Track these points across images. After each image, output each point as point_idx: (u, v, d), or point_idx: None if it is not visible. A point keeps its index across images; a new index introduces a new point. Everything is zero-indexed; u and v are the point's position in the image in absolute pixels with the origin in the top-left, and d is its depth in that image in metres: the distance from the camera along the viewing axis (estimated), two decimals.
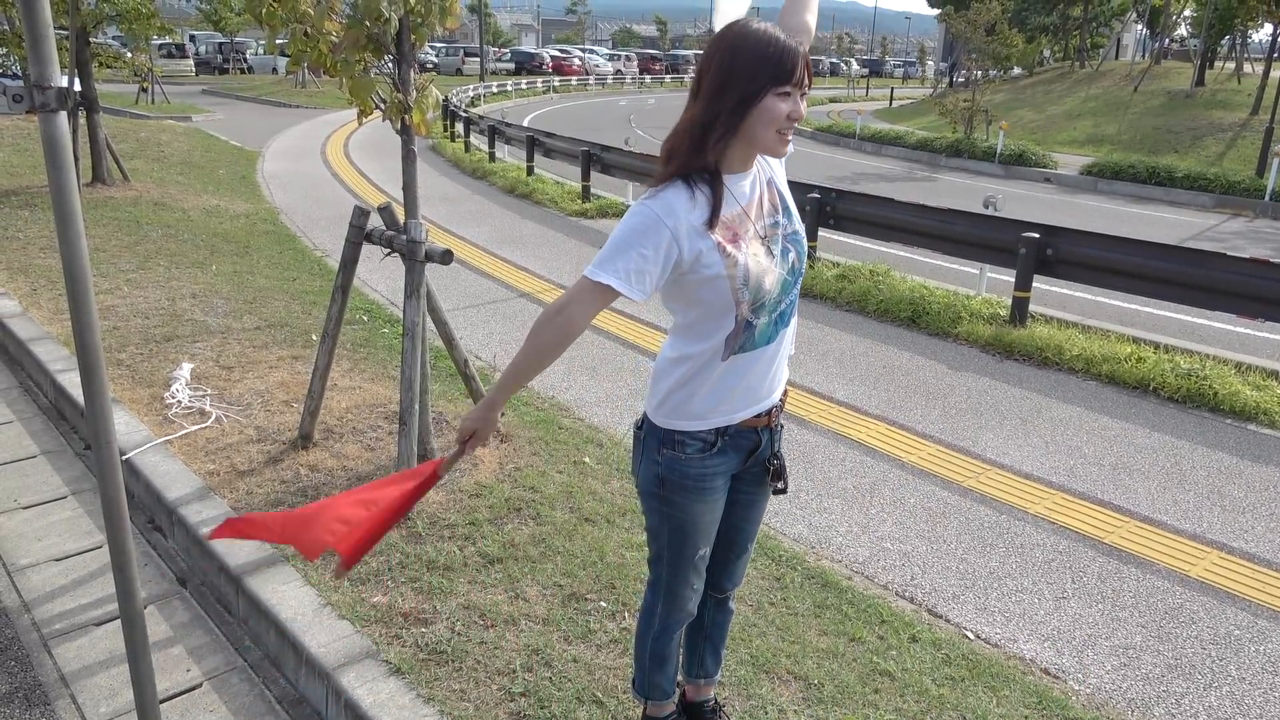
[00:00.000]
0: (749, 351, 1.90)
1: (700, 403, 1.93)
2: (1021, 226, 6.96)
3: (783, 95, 1.76)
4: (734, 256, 1.82)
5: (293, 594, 2.96)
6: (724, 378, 1.91)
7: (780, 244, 1.91)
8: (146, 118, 20.28)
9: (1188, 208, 14.96)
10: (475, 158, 15.47)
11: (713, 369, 1.90)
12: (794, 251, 1.93)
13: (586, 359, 5.80)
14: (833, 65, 60.53)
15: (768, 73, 1.74)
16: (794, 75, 1.75)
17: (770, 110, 1.76)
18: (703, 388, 1.92)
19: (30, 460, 4.19)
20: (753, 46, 1.75)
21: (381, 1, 3.21)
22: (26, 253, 7.29)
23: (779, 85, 1.75)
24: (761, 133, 1.79)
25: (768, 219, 1.91)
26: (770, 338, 1.92)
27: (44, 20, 1.61)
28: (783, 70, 1.74)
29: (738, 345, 1.88)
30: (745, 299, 1.83)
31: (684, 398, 1.93)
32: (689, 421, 1.94)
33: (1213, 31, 27.32)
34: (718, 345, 1.88)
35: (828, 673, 2.76)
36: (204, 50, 42.20)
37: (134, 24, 10.89)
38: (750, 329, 1.88)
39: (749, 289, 1.83)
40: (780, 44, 1.75)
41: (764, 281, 1.85)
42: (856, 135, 22.82)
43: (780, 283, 1.89)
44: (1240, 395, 5.41)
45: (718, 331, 1.87)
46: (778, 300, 1.90)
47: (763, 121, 1.77)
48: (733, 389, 1.93)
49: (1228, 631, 3.26)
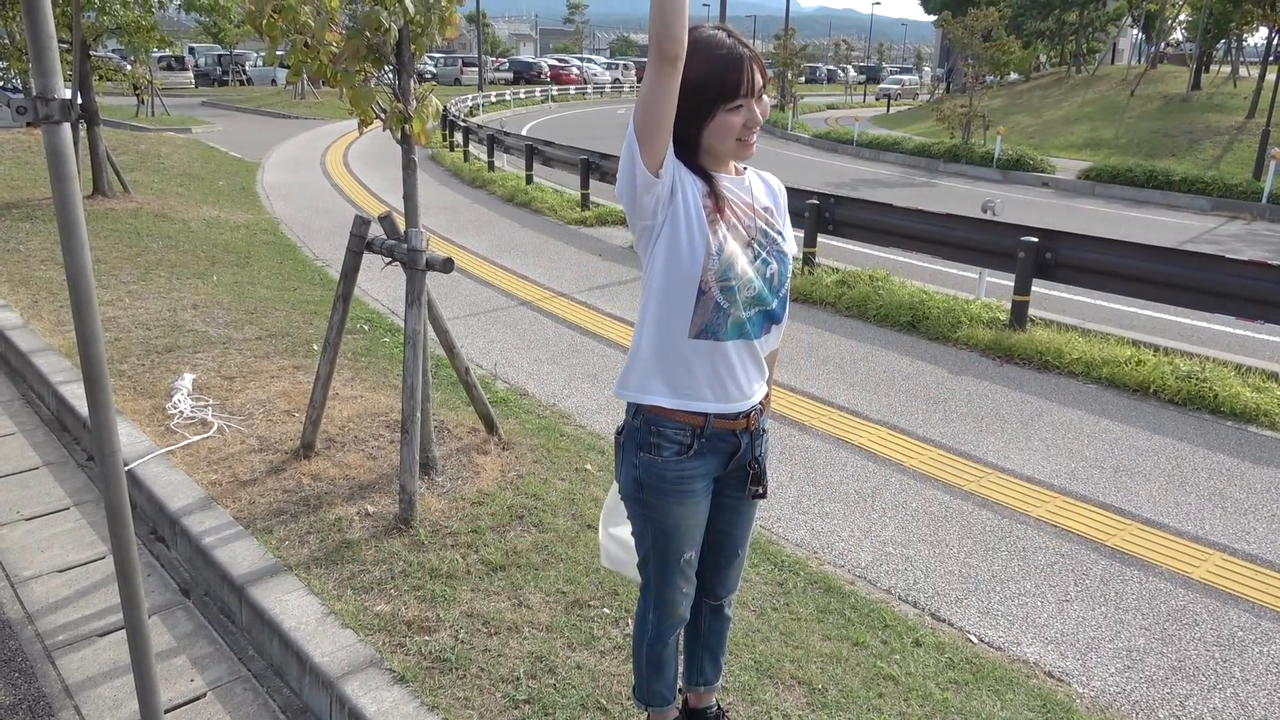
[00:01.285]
0: (718, 341, 1.90)
1: (659, 377, 1.93)
2: (1020, 231, 6.98)
3: (734, 109, 1.79)
4: (716, 227, 1.84)
5: (296, 603, 2.96)
6: (688, 358, 1.91)
7: (762, 252, 1.92)
8: (146, 130, 20.32)
9: (1185, 211, 14.99)
10: (474, 167, 15.51)
11: (679, 346, 1.90)
12: (775, 266, 1.94)
13: (587, 366, 5.81)
14: (830, 72, 60.69)
15: (714, 91, 1.77)
16: (740, 87, 1.77)
17: (722, 126, 1.80)
18: (666, 362, 1.92)
19: (33, 472, 4.19)
20: (701, 62, 1.76)
21: (381, 12, 3.23)
22: (28, 265, 7.30)
23: (728, 101, 1.78)
24: (718, 143, 1.83)
25: (756, 223, 1.93)
26: (742, 334, 1.92)
27: (47, 33, 1.63)
28: (728, 86, 1.77)
29: (705, 325, 1.88)
30: (714, 269, 1.84)
31: (646, 370, 1.94)
32: (649, 396, 1.94)
33: (1208, 35, 27.42)
34: (685, 319, 1.87)
35: (831, 677, 2.76)
36: (203, 62, 42.35)
37: (134, 37, 10.92)
38: (720, 312, 1.87)
39: (720, 260, 1.84)
40: (722, 58, 1.77)
41: (735, 263, 1.86)
42: (854, 141, 22.88)
43: (751, 281, 1.89)
44: (1241, 397, 5.41)
45: (684, 302, 1.87)
46: (751, 299, 1.90)
47: (718, 136, 1.82)
48: (695, 372, 1.92)
49: (1231, 633, 3.26)
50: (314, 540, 3.35)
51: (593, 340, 6.42)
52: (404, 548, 3.31)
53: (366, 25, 3.26)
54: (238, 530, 3.40)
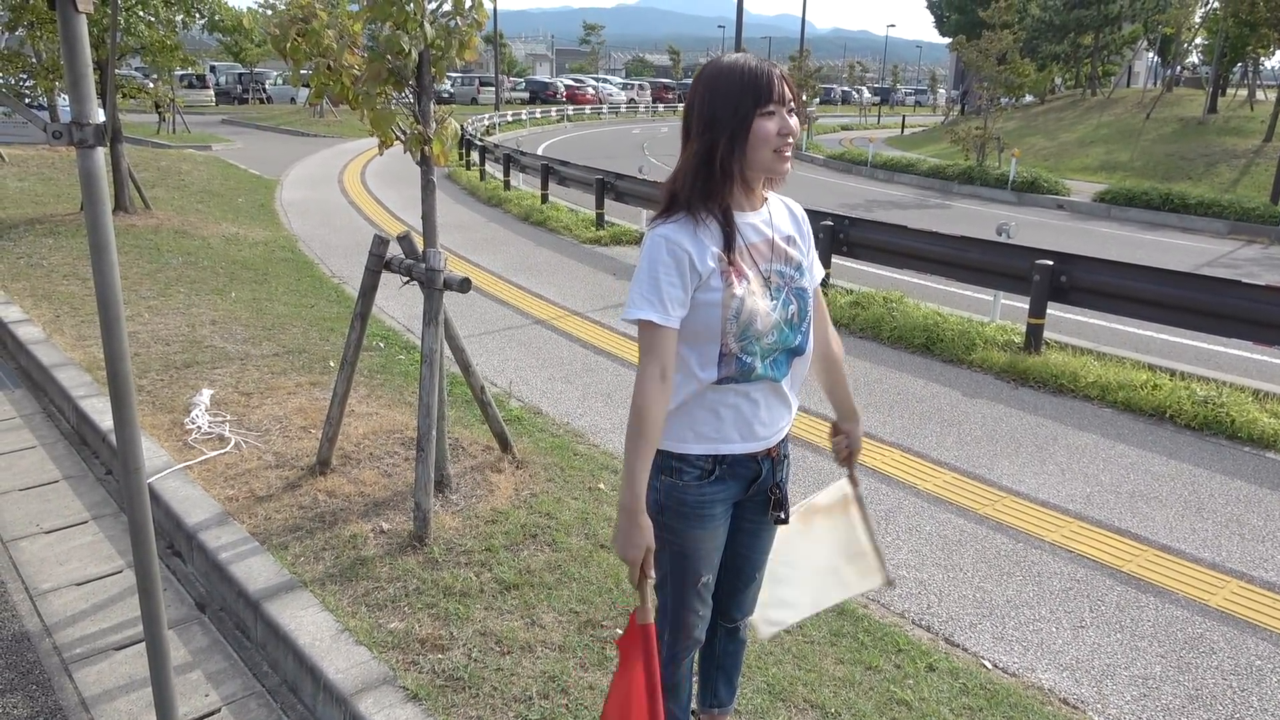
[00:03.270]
0: (743, 383, 1.92)
1: (688, 426, 1.95)
2: (1035, 253, 6.97)
3: (768, 115, 1.82)
4: (733, 288, 1.86)
5: (310, 619, 2.98)
6: (714, 404, 1.93)
7: (783, 293, 1.94)
8: (168, 147, 20.60)
9: (1202, 234, 14.93)
10: (490, 185, 15.63)
11: (703, 393, 1.92)
12: (795, 305, 1.95)
13: (601, 385, 5.83)
14: (844, 93, 60.90)
15: (749, 99, 1.81)
16: (773, 93, 1.81)
17: (760, 132, 1.82)
18: (691, 410, 1.94)
19: (52, 485, 4.24)
20: (727, 79, 1.83)
21: (402, 36, 3.29)
22: (50, 280, 7.40)
23: (761, 106, 1.81)
24: (757, 156, 1.84)
25: (776, 265, 1.94)
26: (767, 377, 1.94)
27: (84, 61, 1.67)
28: (760, 91, 1.81)
29: (730, 374, 1.90)
30: (732, 330, 1.87)
31: (673, 419, 1.95)
32: (678, 444, 1.96)
33: (1225, 59, 27.37)
34: (709, 370, 1.90)
35: (844, 701, 2.75)
36: (224, 81, 42.90)
37: (158, 56, 11.12)
38: (742, 364, 1.90)
39: (738, 322, 1.86)
40: (753, 69, 1.82)
41: (755, 321, 1.88)
42: (869, 163, 22.92)
43: (775, 328, 1.91)
44: (1258, 422, 5.37)
45: (705, 357, 1.89)
46: (773, 345, 1.92)
47: (754, 145, 1.83)
48: (722, 417, 1.94)
49: (1249, 662, 3.23)
50: (329, 557, 3.37)
51: (607, 359, 6.44)
52: (418, 565, 3.33)
53: (387, 49, 3.32)
54: (254, 546, 3.43)
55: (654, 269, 1.83)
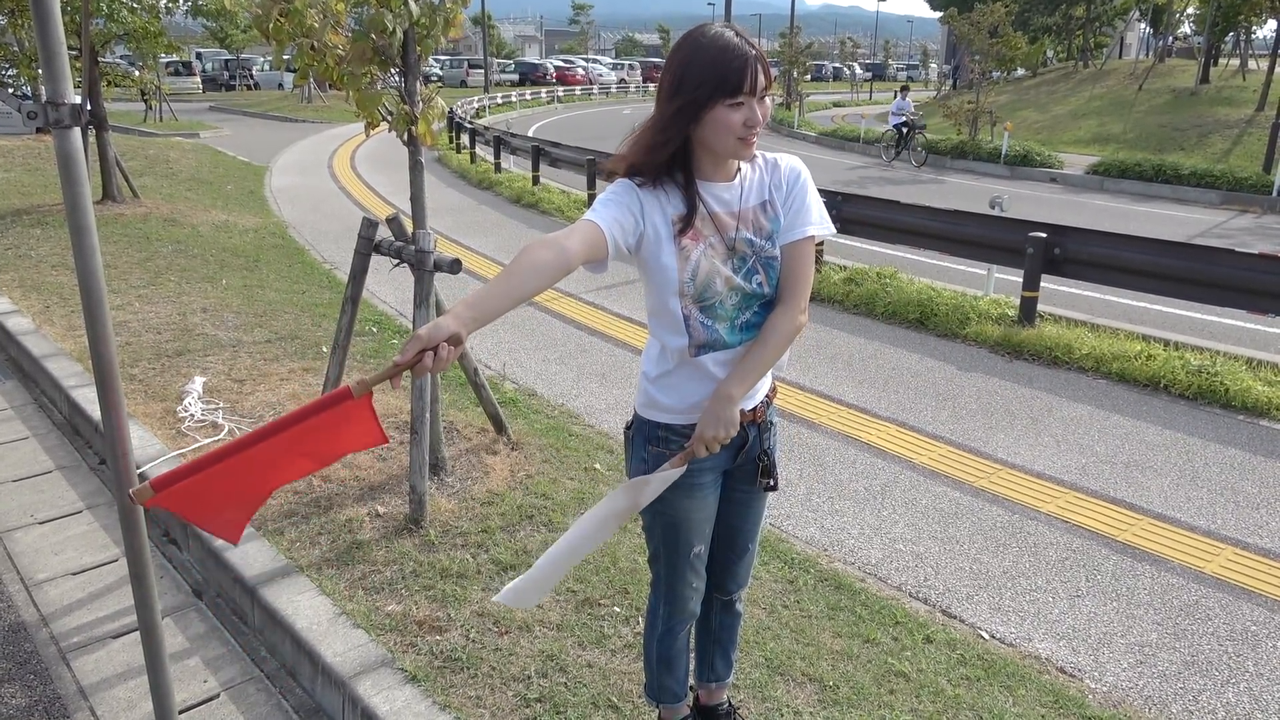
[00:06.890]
0: (719, 352, 1.91)
1: (670, 395, 1.96)
2: (1028, 226, 6.96)
3: (735, 106, 1.76)
4: (688, 250, 1.85)
5: (308, 604, 2.97)
6: (693, 374, 1.93)
7: (749, 261, 1.90)
8: (154, 135, 20.44)
9: (1195, 205, 14.92)
10: (481, 169, 15.53)
11: (682, 364, 1.93)
12: (762, 275, 1.91)
13: (595, 366, 5.82)
14: (835, 70, 60.58)
15: (713, 84, 1.74)
16: (743, 85, 1.75)
17: (722, 120, 1.76)
18: (675, 382, 1.95)
19: (46, 475, 4.22)
20: (705, 57, 1.76)
21: (386, 15, 3.24)
22: (39, 270, 7.35)
23: (729, 97, 1.75)
24: (716, 141, 1.80)
25: (744, 233, 1.90)
26: (739, 340, 1.92)
27: (57, 39, 1.64)
28: (729, 83, 1.74)
29: (702, 343, 1.89)
30: (690, 292, 1.86)
31: (656, 389, 1.97)
32: (662, 413, 1.98)
33: (1216, 29, 27.25)
34: (680, 339, 1.89)
35: (843, 674, 2.76)
36: (210, 67, 42.52)
37: (142, 43, 10.98)
38: (708, 329, 1.88)
39: (695, 284, 1.85)
40: (731, 54, 1.75)
41: (714, 282, 1.86)
42: (861, 139, 22.83)
43: (737, 292, 1.89)
44: (1252, 391, 5.38)
45: (670, 322, 1.89)
46: (736, 309, 1.90)
47: (715, 131, 1.78)
48: (701, 387, 1.93)
49: (1244, 627, 3.24)
50: (325, 541, 3.36)
51: (600, 340, 6.43)
52: (414, 548, 3.32)
53: (372, 28, 3.27)
54: (249, 532, 3.42)
55: (608, 197, 1.85)
